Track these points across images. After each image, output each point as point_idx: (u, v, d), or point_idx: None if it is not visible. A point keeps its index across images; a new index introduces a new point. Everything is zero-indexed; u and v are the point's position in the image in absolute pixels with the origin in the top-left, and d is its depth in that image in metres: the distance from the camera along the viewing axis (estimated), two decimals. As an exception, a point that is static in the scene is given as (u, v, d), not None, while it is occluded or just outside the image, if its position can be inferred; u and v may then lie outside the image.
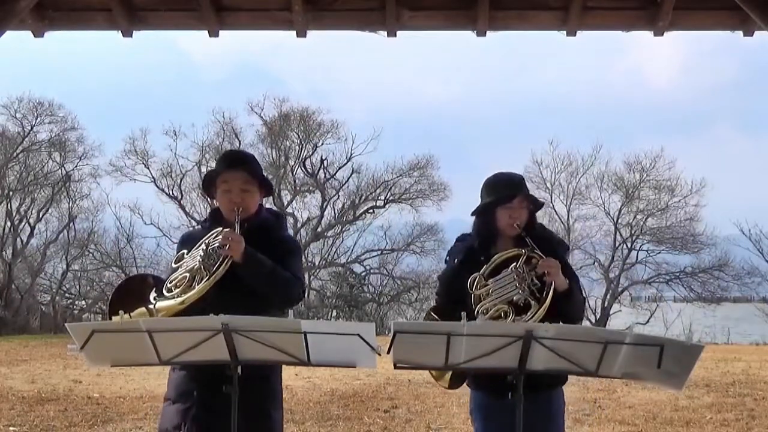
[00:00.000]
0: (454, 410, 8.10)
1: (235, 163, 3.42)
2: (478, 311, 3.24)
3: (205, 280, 3.14)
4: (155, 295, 3.20)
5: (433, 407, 8.36)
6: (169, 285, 3.21)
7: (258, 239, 3.28)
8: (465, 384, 3.37)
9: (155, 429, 3.44)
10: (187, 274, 3.19)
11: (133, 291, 3.26)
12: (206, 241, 3.26)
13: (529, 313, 3.16)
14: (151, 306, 3.13)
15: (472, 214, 3.48)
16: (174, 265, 3.32)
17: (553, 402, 3.31)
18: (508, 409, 2.88)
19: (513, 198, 3.35)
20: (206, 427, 3.20)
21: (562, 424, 3.37)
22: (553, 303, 3.18)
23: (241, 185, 3.35)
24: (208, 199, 3.99)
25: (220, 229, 3.28)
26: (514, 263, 3.28)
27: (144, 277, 3.43)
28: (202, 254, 3.20)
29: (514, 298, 3.21)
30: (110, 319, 3.11)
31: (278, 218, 3.61)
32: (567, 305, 3.26)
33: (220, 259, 3.17)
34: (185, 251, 3.33)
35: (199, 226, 3.56)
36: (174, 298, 3.14)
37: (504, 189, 3.38)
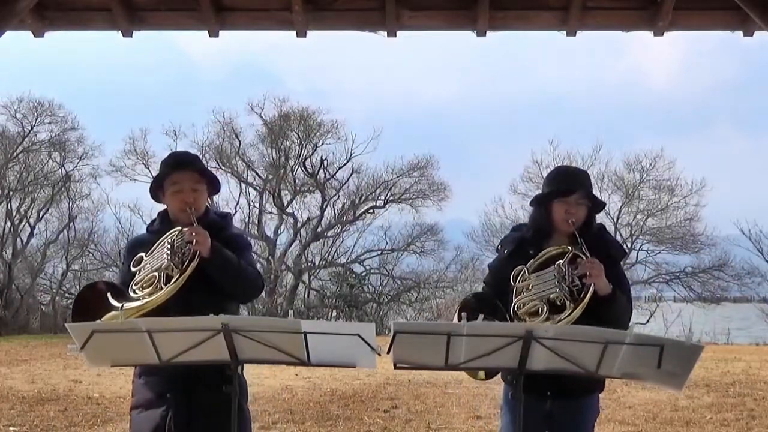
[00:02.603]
0: (454, 410, 8.11)
1: (183, 163, 3.40)
2: (515, 305, 3.18)
3: (175, 278, 3.11)
4: (115, 299, 3.14)
5: (433, 407, 8.37)
6: (134, 287, 3.17)
7: (210, 237, 3.25)
8: (496, 374, 3.29)
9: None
10: (156, 274, 3.16)
11: (91, 301, 3.19)
12: (169, 240, 3.22)
13: (563, 314, 3.07)
14: (119, 309, 3.08)
15: (530, 204, 3.43)
16: (133, 269, 3.26)
17: (585, 408, 3.23)
18: (540, 411, 2.86)
19: (572, 193, 3.25)
20: (187, 427, 3.19)
21: (591, 430, 3.27)
22: (593, 307, 3.08)
23: (191, 185, 3.33)
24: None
25: (179, 228, 3.24)
26: (559, 261, 3.19)
27: (93, 285, 3.39)
28: (168, 252, 3.17)
29: (551, 296, 3.12)
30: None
31: (224, 218, 3.58)
32: (607, 311, 3.13)
33: (190, 255, 3.15)
34: (143, 254, 3.28)
35: (146, 232, 3.50)
36: (142, 299, 3.11)
37: (564, 182, 3.29)
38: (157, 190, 3.42)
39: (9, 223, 23.97)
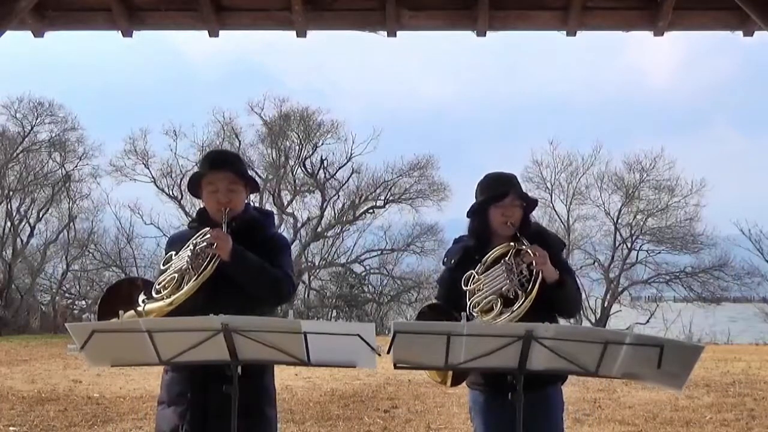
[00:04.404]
0: (454, 410, 8.10)
1: (220, 163, 3.41)
2: (470, 306, 3.24)
3: (193, 279, 3.14)
4: (144, 297, 3.20)
5: (433, 407, 8.36)
6: (157, 287, 3.21)
7: (246, 237, 3.28)
8: (463, 381, 3.36)
9: (155, 429, 3.44)
10: (176, 275, 3.19)
11: (123, 294, 3.27)
12: (193, 242, 3.25)
13: (516, 304, 3.15)
14: (139, 308, 3.13)
15: (467, 215, 3.50)
16: (162, 267, 3.32)
17: (551, 401, 3.31)
18: (507, 408, 2.88)
19: (504, 196, 3.35)
20: (202, 428, 3.20)
21: (561, 422, 3.37)
22: (544, 295, 3.17)
23: (227, 185, 3.34)
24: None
25: (208, 229, 3.27)
26: (505, 257, 3.29)
27: (133, 280, 3.44)
28: (189, 254, 3.20)
29: (503, 289, 3.20)
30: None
31: (266, 216, 3.59)
32: (558, 297, 3.24)
33: (208, 259, 3.17)
34: (173, 252, 3.32)
35: (187, 227, 3.55)
36: (162, 299, 3.14)
37: (495, 187, 3.39)
38: (196, 186, 3.44)
39: (9, 223, 23.96)
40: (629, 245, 24.86)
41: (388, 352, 2.69)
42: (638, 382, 4.91)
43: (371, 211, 26.22)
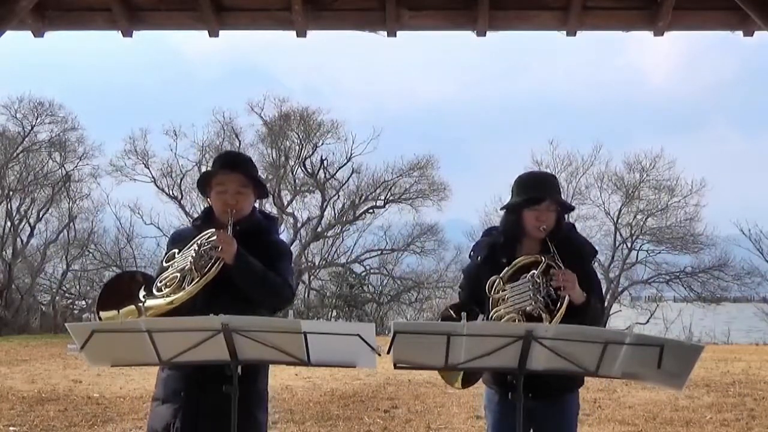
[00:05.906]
0: (454, 410, 8.10)
1: (231, 165, 3.42)
2: (492, 316, 3.23)
3: (195, 281, 3.14)
4: (145, 293, 3.20)
5: (433, 407, 8.36)
6: (159, 284, 3.21)
7: (249, 241, 3.28)
8: (474, 382, 3.34)
9: (147, 426, 3.44)
10: (178, 274, 3.19)
11: (123, 289, 3.27)
12: (198, 242, 3.25)
13: None
14: (140, 304, 3.14)
15: (501, 210, 3.48)
16: (165, 264, 3.32)
17: (566, 406, 3.30)
18: (523, 411, 2.88)
19: (541, 201, 3.31)
20: (194, 426, 3.20)
21: (575, 427, 3.36)
22: (567, 314, 3.14)
23: (236, 187, 3.35)
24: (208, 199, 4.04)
25: (213, 230, 3.27)
26: (533, 271, 3.24)
27: (133, 274, 3.44)
28: (193, 255, 3.20)
29: (527, 308, 3.17)
30: (98, 315, 3.12)
31: (270, 221, 3.61)
32: (582, 318, 3.19)
33: (212, 261, 3.17)
34: (176, 250, 3.33)
35: (191, 225, 3.56)
36: (164, 297, 3.15)
37: (533, 190, 3.35)
38: (205, 185, 3.45)
39: (9, 223, 23.96)
40: (629, 245, 24.86)
41: (388, 352, 2.69)
42: (638, 382, 4.92)
43: (371, 211, 26.23)
